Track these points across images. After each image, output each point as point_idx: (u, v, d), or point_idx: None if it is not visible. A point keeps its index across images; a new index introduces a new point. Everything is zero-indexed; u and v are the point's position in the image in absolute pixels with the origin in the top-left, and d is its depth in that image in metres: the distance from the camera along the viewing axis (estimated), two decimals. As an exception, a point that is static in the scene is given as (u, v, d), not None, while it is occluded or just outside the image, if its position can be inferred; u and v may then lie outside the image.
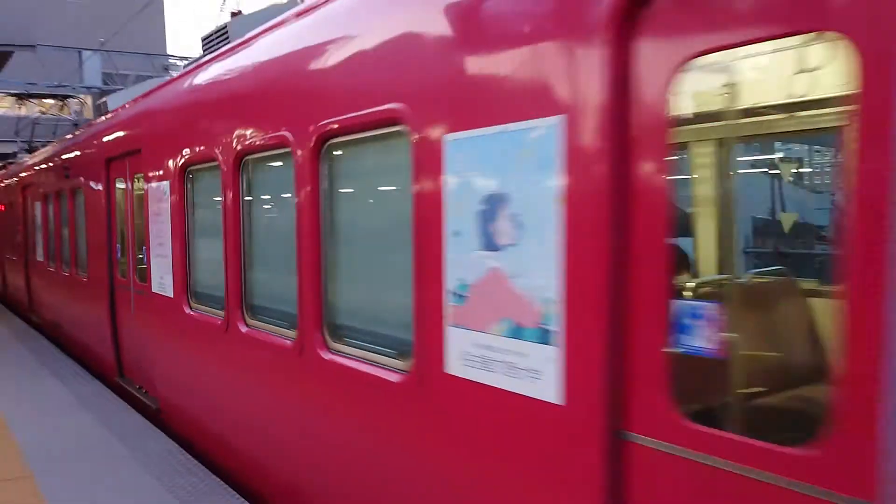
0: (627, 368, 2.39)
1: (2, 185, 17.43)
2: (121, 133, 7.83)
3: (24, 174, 14.43)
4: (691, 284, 2.54)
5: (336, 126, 3.83)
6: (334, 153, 4.05)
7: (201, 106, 5.74)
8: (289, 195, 4.40)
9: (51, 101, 21.50)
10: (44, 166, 12.30)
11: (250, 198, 5.11)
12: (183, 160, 5.92)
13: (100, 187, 8.52)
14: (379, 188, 3.93)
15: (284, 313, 4.60)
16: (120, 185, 8.02)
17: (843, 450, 1.85)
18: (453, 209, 3.04)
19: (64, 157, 10.66)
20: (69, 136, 11.23)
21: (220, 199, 5.28)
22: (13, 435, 6.44)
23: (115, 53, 33.42)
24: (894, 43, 1.72)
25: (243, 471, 5.27)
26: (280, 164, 4.66)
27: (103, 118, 9.22)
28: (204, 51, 6.21)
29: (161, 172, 6.43)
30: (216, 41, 5.86)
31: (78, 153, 9.78)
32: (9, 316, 14.93)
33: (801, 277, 3.77)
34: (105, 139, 8.41)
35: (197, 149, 5.65)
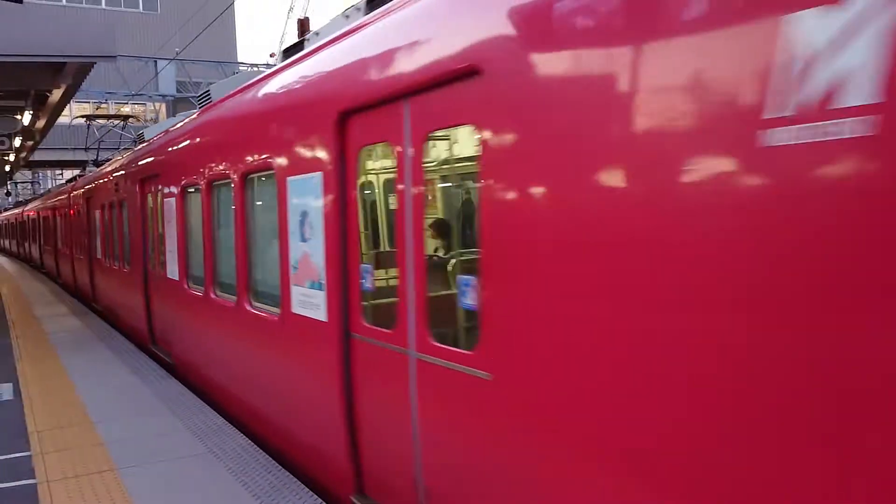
0: (349, 300, 4.73)
1: (72, 194, 20.57)
2: (148, 160, 10.49)
3: (87, 187, 17.43)
4: (366, 254, 4.84)
5: (251, 166, 6.27)
6: (252, 183, 6.49)
7: (185, 146, 8.29)
8: (233, 209, 6.87)
9: (115, 121, 24.58)
10: (101, 181, 15.19)
11: (216, 210, 7.60)
12: (180, 183, 8.48)
13: (137, 200, 11.20)
14: (268, 206, 6.34)
15: (232, 287, 7.07)
16: (150, 199, 10.67)
17: (402, 330, 4.17)
18: (291, 218, 5.43)
19: (114, 175, 13.47)
20: (118, 159, 14.03)
21: (199, 211, 7.80)
22: (98, 431, 6.85)
23: (188, 62, 35.00)
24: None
25: (217, 394, 7.77)
26: (230, 189, 7.13)
27: (141, 146, 11.93)
28: (199, 106, 8.73)
29: (170, 191, 9.01)
30: (204, 100, 8.39)
31: (123, 173, 12.53)
32: (91, 316, 15.42)
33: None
34: (139, 164, 11.11)
35: (186, 176, 8.19)
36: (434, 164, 4.10)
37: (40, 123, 18.75)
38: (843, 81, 1.88)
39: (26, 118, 16.96)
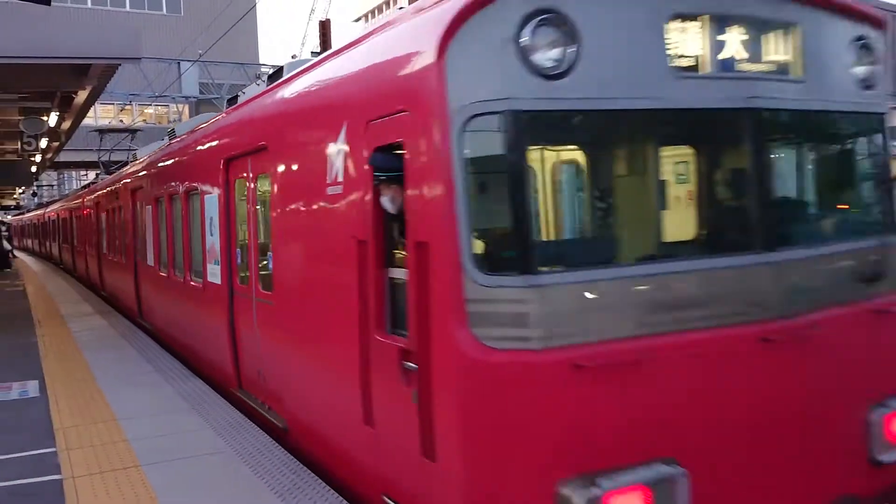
0: (231, 270, 7.88)
1: (86, 199, 23.97)
2: (135, 175, 13.77)
3: (95, 194, 20.79)
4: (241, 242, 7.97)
5: (188, 187, 9.45)
6: (191, 197, 9.68)
7: (156, 168, 11.55)
8: (181, 214, 10.06)
9: (125, 133, 27.78)
10: (105, 190, 18.51)
11: (174, 214, 10.80)
12: (153, 195, 11.72)
13: (130, 206, 14.47)
14: (197, 212, 9.48)
15: (181, 267, 10.26)
16: (138, 205, 13.93)
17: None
18: (206, 221, 8.59)
19: (115, 185, 16.77)
20: (118, 172, 17.31)
21: (164, 216, 11.02)
22: (122, 427, 6.98)
23: (210, 64, 34.92)
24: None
25: (177, 344, 10.98)
26: (177, 200, 10.31)
27: (132, 163, 15.21)
28: (169, 141, 11.96)
29: (147, 200, 12.26)
30: (174, 137, 11.63)
31: (120, 184, 15.82)
32: (118, 317, 15.50)
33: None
34: (130, 178, 14.39)
35: (156, 190, 11.44)
36: (261, 193, 7.25)
37: (66, 125, 19.42)
38: (338, 170, 5.00)
39: (52, 119, 17.44)
